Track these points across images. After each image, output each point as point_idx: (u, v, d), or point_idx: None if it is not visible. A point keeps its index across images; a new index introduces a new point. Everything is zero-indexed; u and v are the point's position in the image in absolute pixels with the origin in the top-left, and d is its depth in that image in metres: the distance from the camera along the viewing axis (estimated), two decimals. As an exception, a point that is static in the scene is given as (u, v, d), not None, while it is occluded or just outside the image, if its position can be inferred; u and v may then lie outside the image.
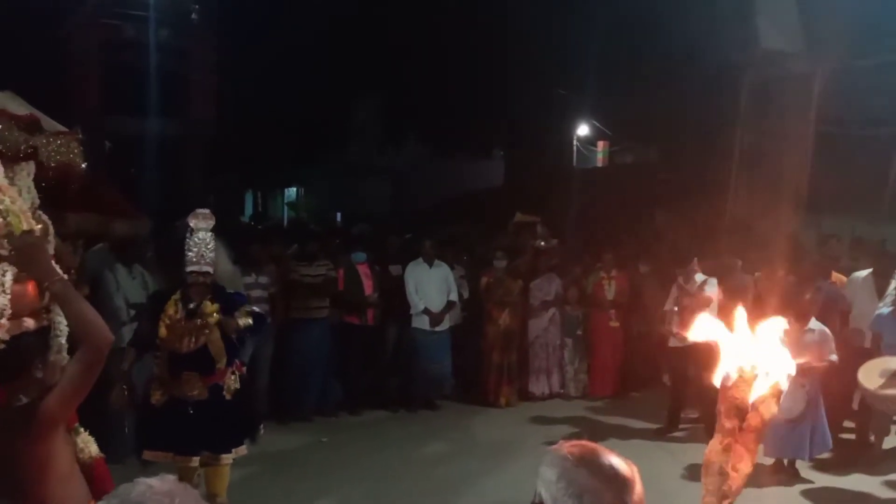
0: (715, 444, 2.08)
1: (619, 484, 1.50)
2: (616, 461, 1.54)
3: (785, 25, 11.08)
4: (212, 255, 4.41)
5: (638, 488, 1.52)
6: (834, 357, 5.90)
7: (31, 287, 2.47)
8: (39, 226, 3.54)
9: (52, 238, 3.65)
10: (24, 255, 2.39)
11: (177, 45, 20.54)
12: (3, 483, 2.26)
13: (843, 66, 10.58)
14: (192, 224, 4.37)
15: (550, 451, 1.58)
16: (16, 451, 2.25)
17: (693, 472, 6.07)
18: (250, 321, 4.62)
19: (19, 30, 15.22)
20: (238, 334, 4.59)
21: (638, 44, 13.40)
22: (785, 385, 2.15)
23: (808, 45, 11.13)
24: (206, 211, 4.47)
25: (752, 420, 2.09)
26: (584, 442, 1.59)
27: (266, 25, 20.72)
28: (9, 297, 2.37)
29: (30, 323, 2.49)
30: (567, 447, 1.57)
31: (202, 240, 4.37)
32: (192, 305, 4.41)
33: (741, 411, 2.07)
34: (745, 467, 2.05)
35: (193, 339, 4.37)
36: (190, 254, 4.34)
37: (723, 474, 2.03)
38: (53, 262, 3.58)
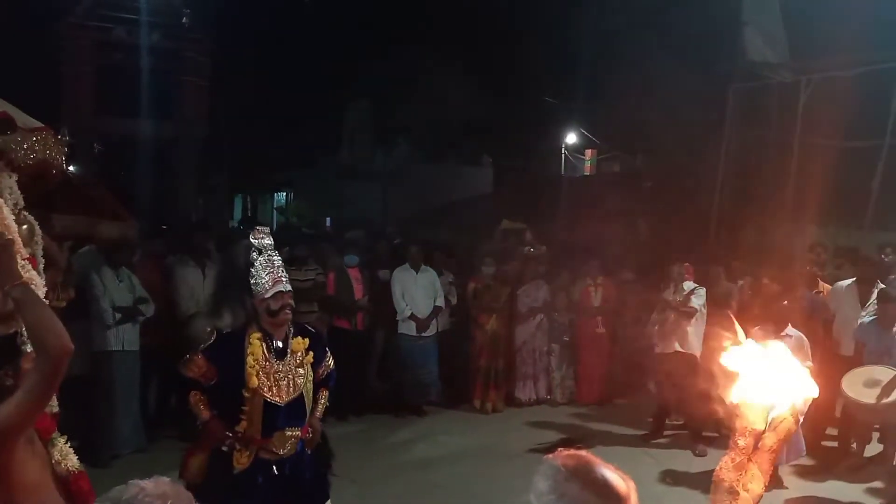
0: (727, 461, 1.98)
1: (612, 500, 1.47)
2: (611, 476, 1.50)
3: (771, 37, 11.21)
4: (287, 275, 3.67)
5: None
6: (809, 363, 5.96)
7: None
8: (25, 226, 3.53)
9: (38, 239, 3.62)
10: None
11: (168, 48, 20.56)
12: None
13: (828, 77, 10.70)
14: (257, 242, 3.61)
15: (545, 460, 1.54)
16: None
17: (678, 479, 6.12)
18: (332, 364, 3.93)
19: (12, 32, 15.17)
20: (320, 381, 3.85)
21: (626, 54, 13.53)
22: (804, 408, 2.08)
23: (793, 56, 11.27)
24: (266, 228, 3.77)
25: (769, 440, 1.99)
26: (580, 453, 1.55)
27: (257, 30, 20.74)
28: None
29: None
30: (562, 458, 1.53)
31: (274, 257, 3.63)
32: (279, 343, 3.62)
33: (755, 432, 1.96)
34: (757, 487, 1.95)
35: (292, 385, 3.60)
36: (265, 276, 3.55)
37: (732, 493, 1.93)
38: (40, 262, 3.57)
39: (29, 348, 2.40)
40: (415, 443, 7.13)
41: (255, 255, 3.59)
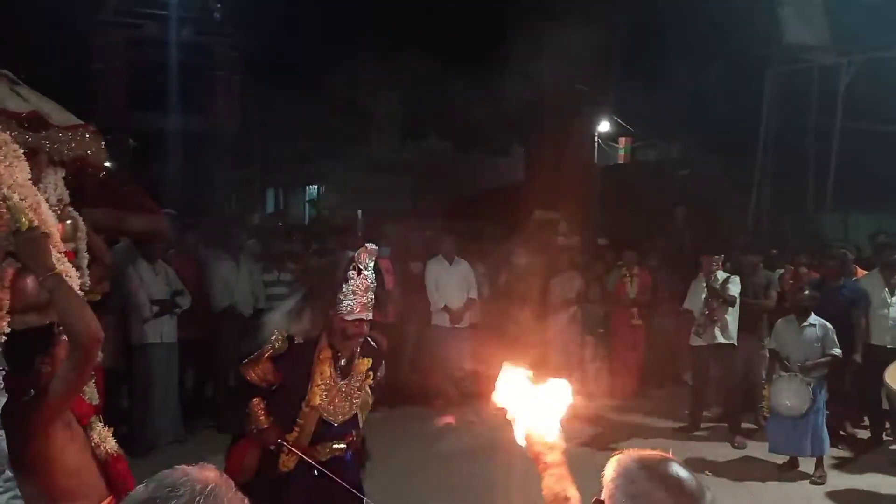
0: (548, 480, 2.15)
1: (683, 498, 1.44)
2: (685, 475, 1.47)
3: (810, 18, 10.92)
4: (373, 301, 3.60)
5: None
6: (837, 351, 5.88)
7: (34, 282, 2.45)
8: (69, 221, 3.56)
9: (81, 234, 3.67)
10: (24, 249, 2.39)
11: (200, 43, 20.76)
12: (17, 476, 2.33)
13: (869, 58, 10.41)
14: (361, 263, 3.52)
15: (622, 454, 1.56)
16: (19, 445, 2.31)
17: (716, 470, 6.05)
18: (381, 371, 3.88)
19: (45, 29, 15.43)
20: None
21: (661, 39, 13.30)
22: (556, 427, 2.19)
23: (833, 38, 10.96)
24: (374, 246, 3.68)
25: (553, 457, 2.16)
26: (661, 452, 1.54)
27: (288, 23, 20.83)
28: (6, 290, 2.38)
29: (34, 318, 2.49)
30: (639, 452, 1.54)
31: (369, 281, 3.54)
32: (343, 362, 3.61)
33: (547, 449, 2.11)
34: (575, 492, 2.06)
35: (349, 406, 3.63)
36: (354, 298, 3.48)
37: (565, 500, 2.06)
38: (83, 257, 3.60)
39: (64, 337, 2.47)
40: (446, 434, 7.11)
41: (352, 273, 3.51)
